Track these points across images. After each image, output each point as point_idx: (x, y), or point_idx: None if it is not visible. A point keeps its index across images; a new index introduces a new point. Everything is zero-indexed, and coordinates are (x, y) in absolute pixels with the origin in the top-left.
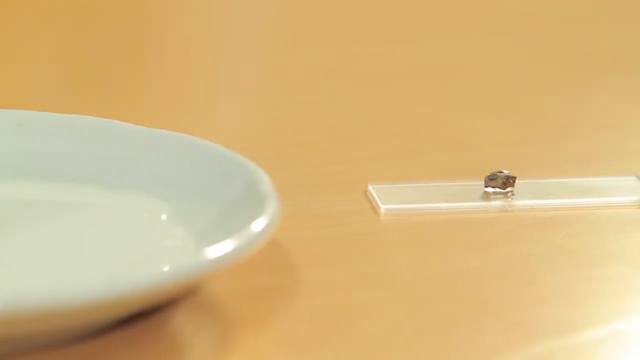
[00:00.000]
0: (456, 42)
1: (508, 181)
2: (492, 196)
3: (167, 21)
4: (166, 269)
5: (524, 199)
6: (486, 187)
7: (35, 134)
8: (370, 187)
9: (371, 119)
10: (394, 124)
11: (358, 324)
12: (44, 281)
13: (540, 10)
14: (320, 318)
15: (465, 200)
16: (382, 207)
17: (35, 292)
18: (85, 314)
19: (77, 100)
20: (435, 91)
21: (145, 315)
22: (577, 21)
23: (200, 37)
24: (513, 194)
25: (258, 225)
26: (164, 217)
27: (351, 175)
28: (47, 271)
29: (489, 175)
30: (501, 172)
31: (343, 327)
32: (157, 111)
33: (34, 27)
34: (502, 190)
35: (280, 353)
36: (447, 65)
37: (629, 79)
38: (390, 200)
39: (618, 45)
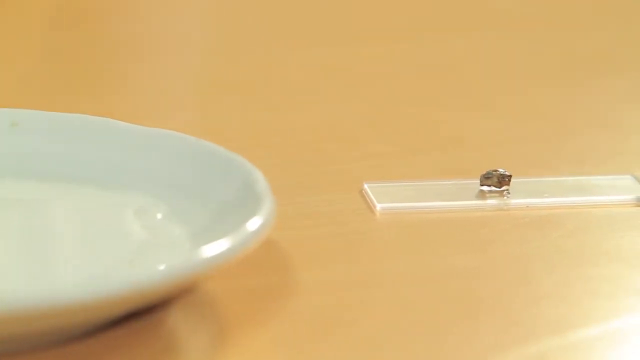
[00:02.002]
0: (452, 42)
1: (503, 180)
2: (487, 195)
3: (163, 18)
4: (162, 268)
5: (520, 198)
6: (482, 185)
7: (29, 133)
8: (366, 186)
9: (366, 118)
10: (390, 123)
11: (354, 324)
12: (40, 280)
13: (535, 9)
14: (316, 317)
15: (460, 199)
16: (378, 206)
17: (29, 291)
18: (81, 313)
19: (72, 99)
20: (431, 91)
21: (141, 314)
22: (573, 21)
23: (197, 35)
24: (508, 193)
25: (253, 224)
26: (159, 216)
27: (347, 174)
28: (43, 270)
29: (485, 174)
30: (496, 170)
31: (339, 327)
32: (152, 110)
33: (27, 26)
34: (497, 189)
35: (276, 353)
36: (442, 64)
37: (624, 79)
38: (386, 199)
39: (614, 45)
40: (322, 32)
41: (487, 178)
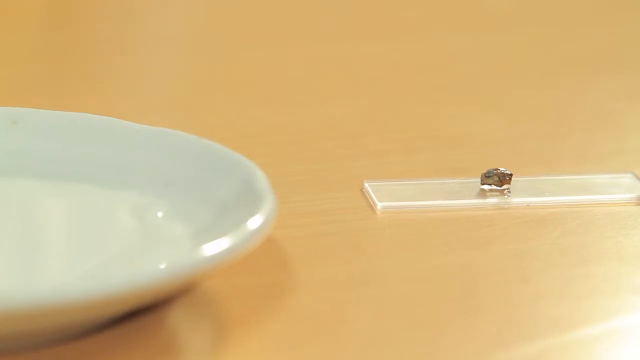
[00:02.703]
0: (452, 40)
1: (504, 178)
2: (488, 193)
3: (162, 18)
4: (162, 266)
5: (520, 197)
6: (482, 184)
7: (30, 131)
8: (366, 185)
9: (368, 116)
10: (391, 121)
11: (354, 322)
12: (39, 279)
13: (536, 7)
14: (317, 316)
15: (461, 197)
16: (379, 205)
17: (29, 290)
18: (81, 311)
19: (72, 97)
20: (431, 89)
21: (141, 313)
22: (573, 19)
23: (196, 34)
24: (509, 192)
25: (254, 222)
26: (160, 214)
27: (348, 172)
28: (43, 269)
29: (485, 173)
30: (497, 169)
31: (340, 325)
32: (152, 109)
33: (26, 25)
34: (498, 188)
35: (276, 350)
36: (443, 63)
37: (624, 77)
38: (387, 198)
39: (614, 43)
40: (319, 29)
41: (488, 177)
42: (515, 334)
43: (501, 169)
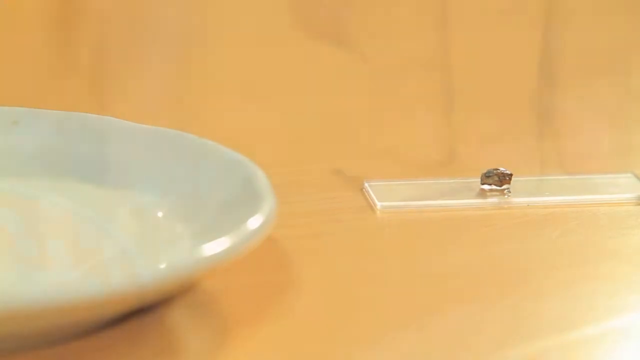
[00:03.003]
0: (452, 38)
1: (504, 178)
2: (488, 193)
3: (163, 17)
4: (162, 266)
5: (520, 196)
6: (482, 184)
7: (30, 131)
8: (366, 184)
9: (367, 116)
10: (390, 121)
11: (354, 322)
12: (39, 279)
13: (538, 6)
14: (317, 315)
15: (461, 197)
16: (379, 204)
17: (29, 290)
18: (81, 311)
19: (73, 97)
20: (432, 89)
21: (141, 312)
22: (575, 18)
23: (197, 34)
24: (509, 191)
25: (255, 222)
26: (160, 214)
27: (347, 172)
28: (42, 268)
29: (485, 173)
30: (497, 169)
31: (340, 325)
32: (153, 108)
33: (27, 25)
34: (498, 188)
35: (277, 351)
36: (442, 62)
37: (625, 77)
38: (387, 198)
39: (615, 43)
40: (318, 28)
41: (488, 177)
42: (515, 334)
43: (501, 169)
